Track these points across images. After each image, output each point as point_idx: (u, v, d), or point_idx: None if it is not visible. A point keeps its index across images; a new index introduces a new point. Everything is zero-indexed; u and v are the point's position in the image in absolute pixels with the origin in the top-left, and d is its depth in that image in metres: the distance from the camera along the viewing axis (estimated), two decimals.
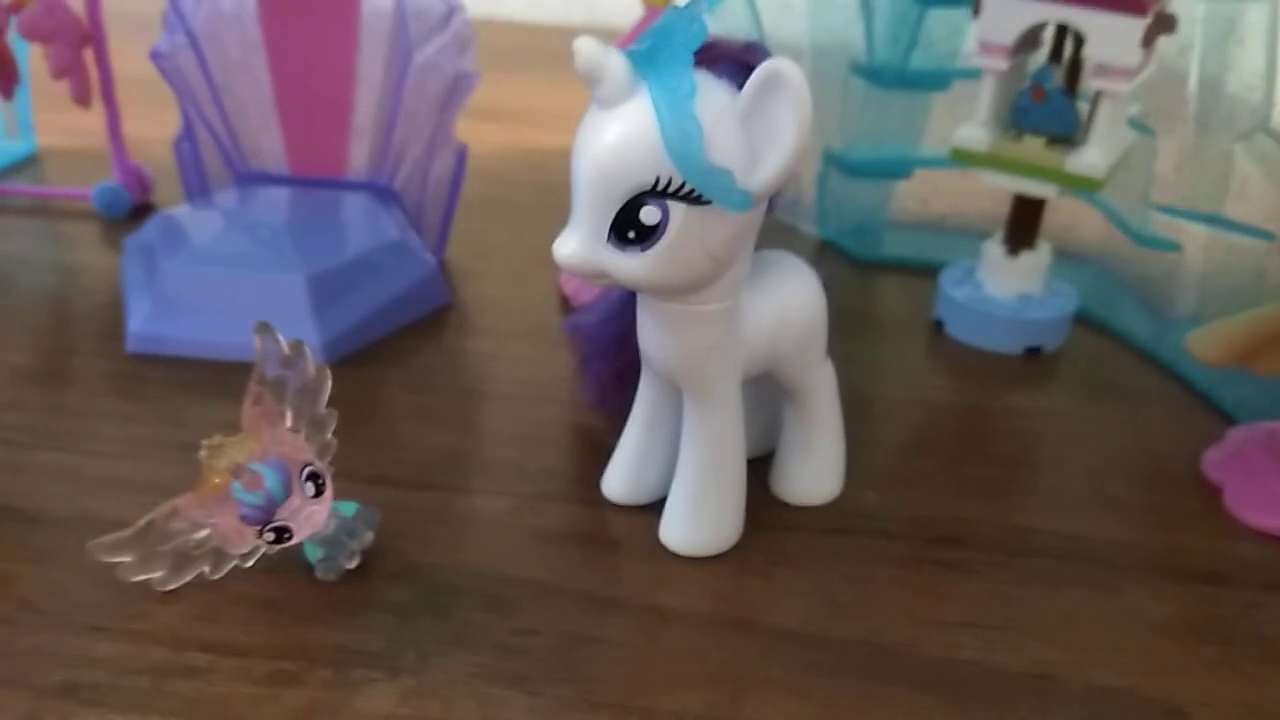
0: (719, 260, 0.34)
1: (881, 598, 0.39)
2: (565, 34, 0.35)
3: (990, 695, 0.35)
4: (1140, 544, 0.42)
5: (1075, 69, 0.51)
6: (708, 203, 0.32)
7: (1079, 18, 0.48)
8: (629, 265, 0.33)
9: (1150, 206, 0.55)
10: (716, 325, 0.36)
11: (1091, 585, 0.40)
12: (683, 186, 0.31)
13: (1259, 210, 0.51)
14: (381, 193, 0.59)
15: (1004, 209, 0.55)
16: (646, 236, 0.32)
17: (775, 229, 0.38)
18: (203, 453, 0.35)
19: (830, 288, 0.40)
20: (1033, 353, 0.55)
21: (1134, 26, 0.47)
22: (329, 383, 0.37)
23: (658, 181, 0.31)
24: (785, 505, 0.43)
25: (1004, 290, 0.56)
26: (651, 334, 0.37)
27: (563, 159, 0.33)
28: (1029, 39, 0.52)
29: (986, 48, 0.51)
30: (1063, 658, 0.36)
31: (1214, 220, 0.52)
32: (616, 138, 0.31)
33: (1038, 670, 0.36)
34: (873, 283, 0.63)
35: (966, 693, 0.35)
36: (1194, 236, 0.54)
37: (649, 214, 0.32)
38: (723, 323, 0.36)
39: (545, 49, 0.77)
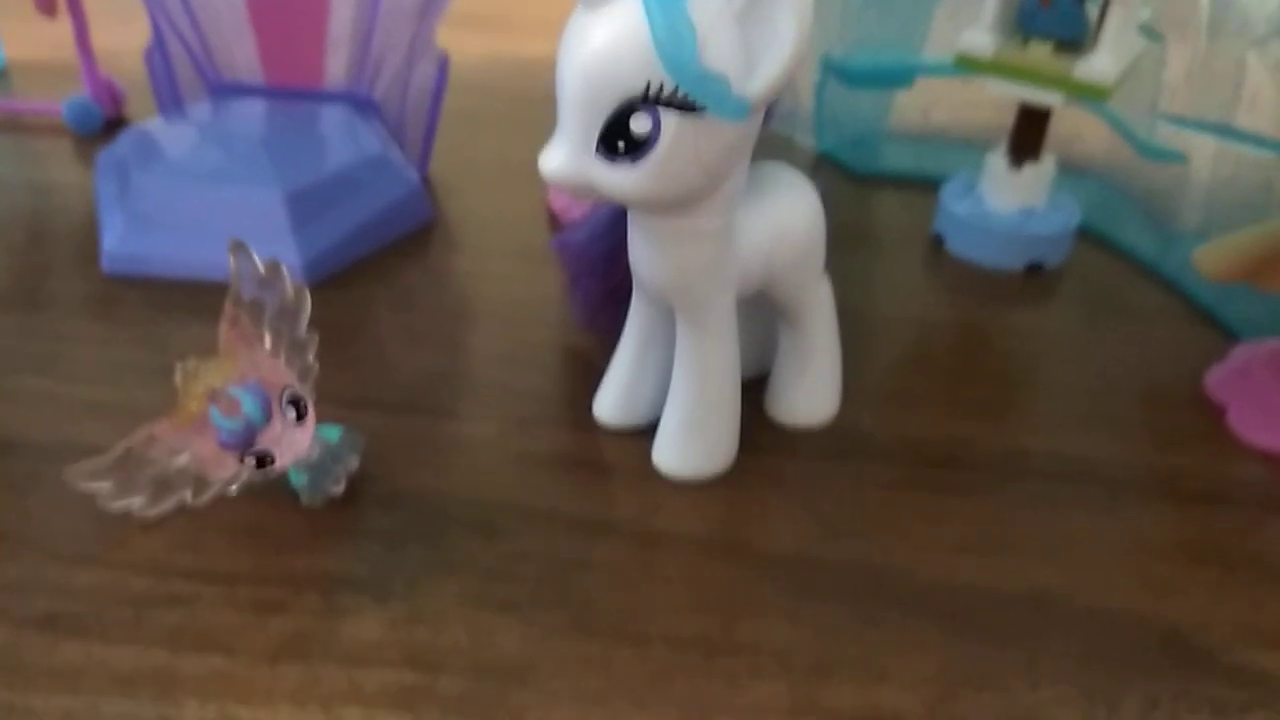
0: (713, 173, 0.32)
1: (877, 521, 0.38)
2: None
3: (986, 619, 0.34)
4: (1140, 464, 0.41)
5: None
6: (702, 111, 0.30)
7: None
8: (618, 179, 0.31)
9: (1158, 117, 0.53)
10: (710, 243, 0.35)
11: (1090, 506, 0.39)
12: (675, 93, 0.29)
13: (1271, 121, 0.49)
14: (361, 104, 0.57)
15: (1007, 120, 0.54)
16: (637, 148, 0.30)
17: (770, 141, 0.36)
18: (177, 377, 0.34)
19: (827, 202, 0.39)
20: (1034, 269, 0.54)
21: None
22: (308, 304, 0.36)
23: (648, 88, 0.29)
24: (780, 428, 0.42)
25: (1006, 204, 0.54)
26: (643, 252, 0.36)
27: (550, 67, 0.32)
28: None
29: None
30: (1060, 580, 0.36)
31: (1224, 131, 0.51)
32: (604, 41, 0.29)
33: (1035, 593, 0.35)
34: (871, 197, 0.61)
35: (962, 616, 0.34)
36: (1201, 148, 0.52)
37: (639, 123, 0.30)
38: (717, 240, 0.35)
39: None
